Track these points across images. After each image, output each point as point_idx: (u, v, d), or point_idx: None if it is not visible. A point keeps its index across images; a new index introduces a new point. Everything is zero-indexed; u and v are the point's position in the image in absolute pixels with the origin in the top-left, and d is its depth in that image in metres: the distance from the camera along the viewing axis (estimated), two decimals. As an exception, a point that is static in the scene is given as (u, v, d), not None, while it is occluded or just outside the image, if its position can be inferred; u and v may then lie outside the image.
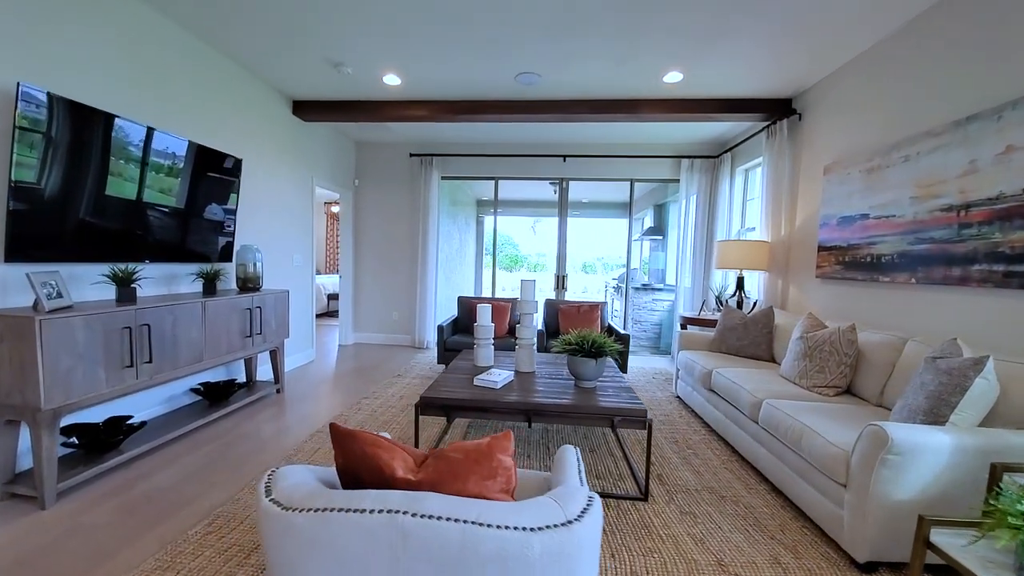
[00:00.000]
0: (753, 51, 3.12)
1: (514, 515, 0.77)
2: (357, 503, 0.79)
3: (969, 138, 2.23)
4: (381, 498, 0.80)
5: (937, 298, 2.43)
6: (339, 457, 0.97)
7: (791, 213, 3.87)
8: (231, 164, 3.27)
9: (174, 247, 2.92)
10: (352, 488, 0.93)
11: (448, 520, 0.76)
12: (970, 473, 1.62)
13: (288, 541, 0.80)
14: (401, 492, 0.83)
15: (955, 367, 1.76)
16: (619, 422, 2.16)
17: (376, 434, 1.00)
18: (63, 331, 1.98)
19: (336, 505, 0.80)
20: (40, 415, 1.95)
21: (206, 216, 3.13)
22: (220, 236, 3.30)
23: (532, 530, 0.77)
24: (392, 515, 0.77)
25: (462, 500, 0.81)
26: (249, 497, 2.10)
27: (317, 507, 0.80)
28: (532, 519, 0.77)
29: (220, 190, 3.22)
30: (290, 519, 0.80)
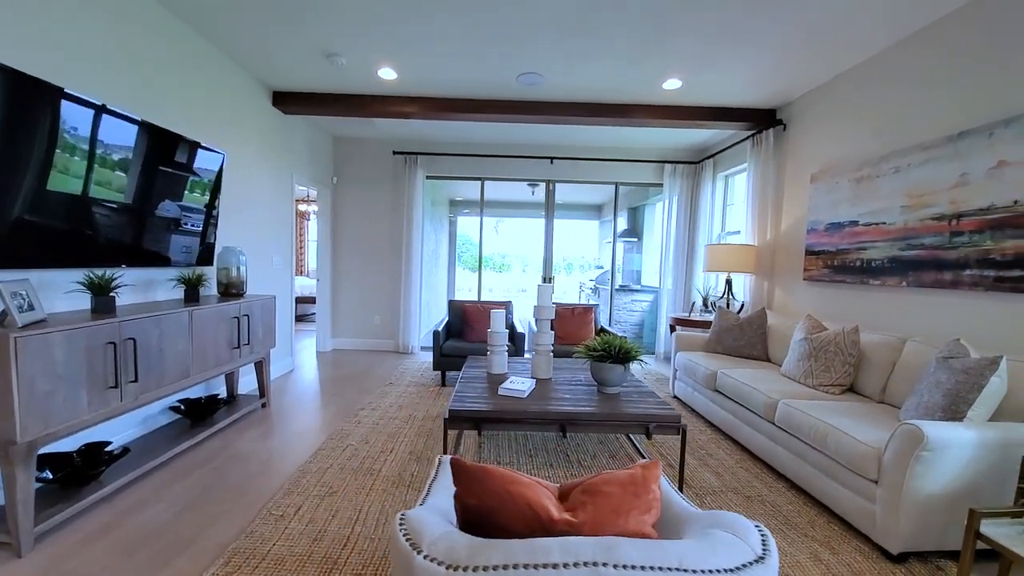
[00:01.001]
0: (748, 64, 3.23)
1: (711, 556, 0.72)
2: (543, 557, 0.70)
3: (960, 152, 2.42)
4: (567, 548, 0.72)
5: (929, 300, 2.61)
6: (469, 497, 0.87)
7: (776, 218, 4.06)
8: (211, 157, 2.98)
9: (148, 250, 2.61)
10: (484, 533, 0.84)
11: (653, 569, 0.69)
12: (991, 465, 1.74)
13: None
14: (585, 539, 0.75)
15: (971, 366, 1.88)
16: (654, 428, 2.16)
17: (511, 470, 0.91)
18: (41, 349, 1.71)
19: (518, 560, 0.70)
20: (14, 449, 1.67)
21: (183, 214, 2.83)
22: (198, 237, 3.00)
23: (733, 571, 0.72)
24: (593, 568, 0.69)
25: (653, 543, 0.74)
26: (264, 529, 1.91)
27: (494, 564, 0.70)
28: (728, 559, 0.72)
29: (200, 186, 2.93)
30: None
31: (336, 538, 1.85)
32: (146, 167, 2.49)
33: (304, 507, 2.08)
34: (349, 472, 2.42)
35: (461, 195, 8.90)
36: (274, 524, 1.94)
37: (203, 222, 3.02)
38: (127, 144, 2.35)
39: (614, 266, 6.09)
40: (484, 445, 2.81)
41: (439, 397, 3.75)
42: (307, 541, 1.83)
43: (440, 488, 1.21)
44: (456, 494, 0.90)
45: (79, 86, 2.19)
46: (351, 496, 2.18)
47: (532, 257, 19.06)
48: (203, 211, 3.00)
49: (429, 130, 5.02)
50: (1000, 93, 2.23)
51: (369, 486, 2.27)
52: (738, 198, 5.08)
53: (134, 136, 2.38)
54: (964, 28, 2.43)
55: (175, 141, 2.66)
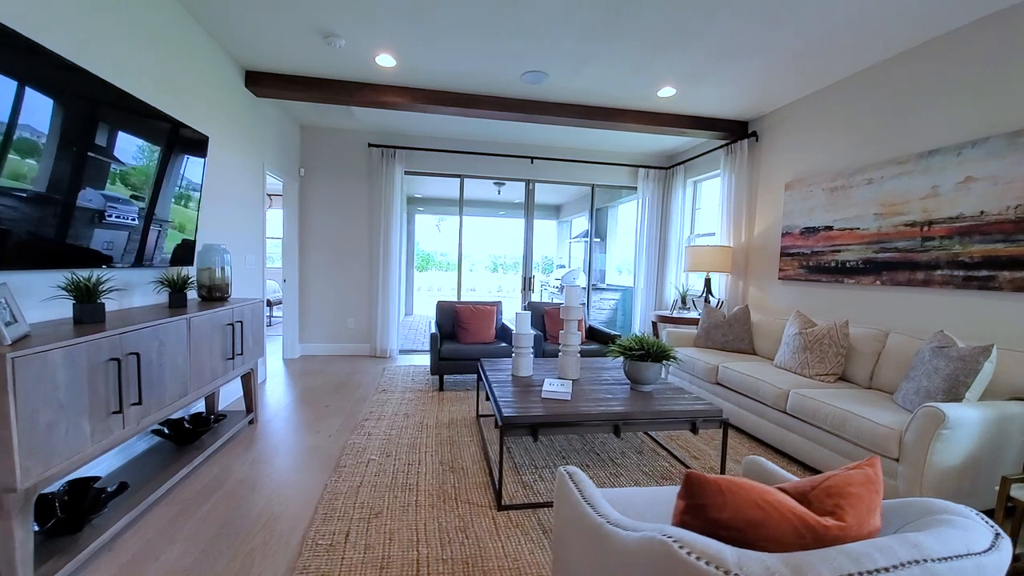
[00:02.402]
0: (734, 79, 3.47)
1: (974, 539, 0.76)
2: (869, 563, 0.69)
3: (931, 168, 2.78)
4: (881, 550, 0.72)
5: (902, 297, 2.98)
6: (720, 512, 0.83)
7: (750, 222, 4.40)
8: (193, 139, 2.60)
9: (121, 246, 2.22)
10: (741, 547, 0.81)
11: (959, 557, 0.72)
12: (990, 438, 2.02)
13: None
14: (888, 539, 0.75)
15: (967, 354, 2.18)
16: (701, 423, 2.24)
17: (755, 483, 0.89)
18: (40, 372, 1.38)
19: (846, 570, 0.68)
20: (11, 499, 1.33)
21: (165, 203, 2.44)
22: (177, 231, 2.61)
23: (982, 553, 0.77)
24: (919, 565, 0.70)
25: (941, 533, 0.77)
26: (318, 563, 1.70)
27: (841, 574, 0.68)
28: (983, 540, 0.77)
29: (179, 171, 2.54)
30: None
31: (405, 563, 1.71)
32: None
33: (352, 532, 1.89)
34: (384, 489, 2.24)
35: (421, 192, 8.61)
36: (327, 556, 1.74)
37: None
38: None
39: (590, 266, 6.24)
40: (512, 450, 2.74)
41: (442, 402, 3.60)
42: (373, 571, 1.66)
43: (593, 501, 1.15)
44: (692, 508, 0.87)
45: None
46: (398, 516, 2.02)
47: (479, 255, 18.98)
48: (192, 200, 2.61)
49: (407, 124, 4.80)
50: (967, 117, 2.60)
51: (414, 503, 2.12)
52: (706, 203, 5.44)
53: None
54: (934, 59, 2.79)
55: (156, 119, 2.28)
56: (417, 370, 4.61)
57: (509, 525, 1.97)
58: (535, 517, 2.03)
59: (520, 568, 1.70)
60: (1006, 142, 2.37)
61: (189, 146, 2.57)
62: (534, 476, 2.41)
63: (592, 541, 1.05)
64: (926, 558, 0.73)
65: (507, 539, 1.87)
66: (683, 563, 0.74)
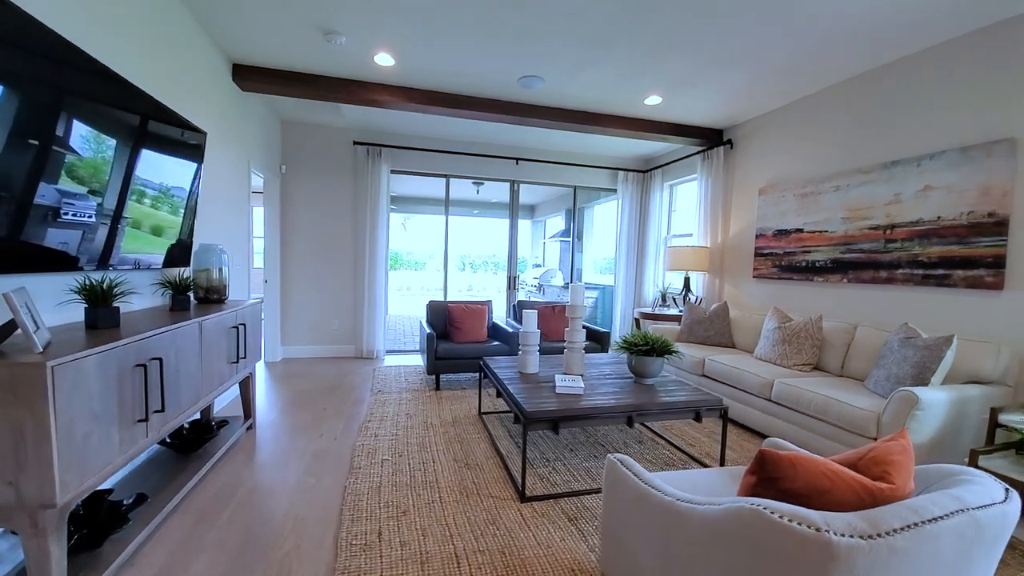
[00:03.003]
0: (717, 90, 3.69)
1: (993, 492, 0.92)
2: (927, 514, 0.83)
3: (894, 177, 3.10)
4: (936, 504, 0.85)
5: (866, 294, 3.30)
6: (792, 483, 0.94)
7: (726, 224, 4.68)
8: (185, 133, 2.50)
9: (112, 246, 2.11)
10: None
11: (991, 505, 0.87)
12: (952, 416, 2.30)
13: (882, 567, 0.79)
14: (935, 495, 0.89)
15: (932, 344, 2.46)
16: (704, 412, 2.41)
17: (815, 456, 1.01)
18: (76, 380, 1.33)
19: (910, 520, 0.82)
20: (47, 516, 1.27)
21: (161, 197, 2.34)
22: (177, 231, 2.50)
23: (1003, 503, 0.92)
24: (973, 513, 0.84)
25: (974, 487, 0.91)
26: (358, 563, 1.71)
27: (895, 528, 0.80)
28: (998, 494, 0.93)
29: (171, 166, 2.44)
30: (889, 543, 0.79)
31: (443, 556, 1.75)
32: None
33: (384, 531, 1.90)
34: (404, 488, 2.25)
35: (394, 191, 8.48)
36: (365, 555, 1.75)
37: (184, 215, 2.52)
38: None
39: (572, 265, 6.39)
40: (514, 437, 2.81)
41: (441, 401, 3.61)
42: (415, 566, 1.70)
43: (654, 483, 1.25)
44: (764, 481, 0.98)
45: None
46: (426, 512, 2.05)
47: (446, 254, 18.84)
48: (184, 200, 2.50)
49: (393, 122, 4.75)
50: (926, 132, 2.92)
51: (438, 499, 2.16)
52: (681, 205, 5.72)
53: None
54: (896, 78, 3.10)
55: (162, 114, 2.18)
56: (408, 370, 4.58)
57: (535, 515, 2.04)
58: (558, 507, 2.12)
59: (555, 554, 1.78)
60: (960, 156, 2.69)
61: (178, 142, 2.47)
62: (548, 469, 2.50)
63: (660, 519, 1.15)
64: (968, 507, 0.88)
65: (536, 528, 1.95)
66: (776, 525, 0.85)
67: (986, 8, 2.46)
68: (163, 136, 2.24)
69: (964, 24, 2.62)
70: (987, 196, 2.56)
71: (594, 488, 2.28)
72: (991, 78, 2.58)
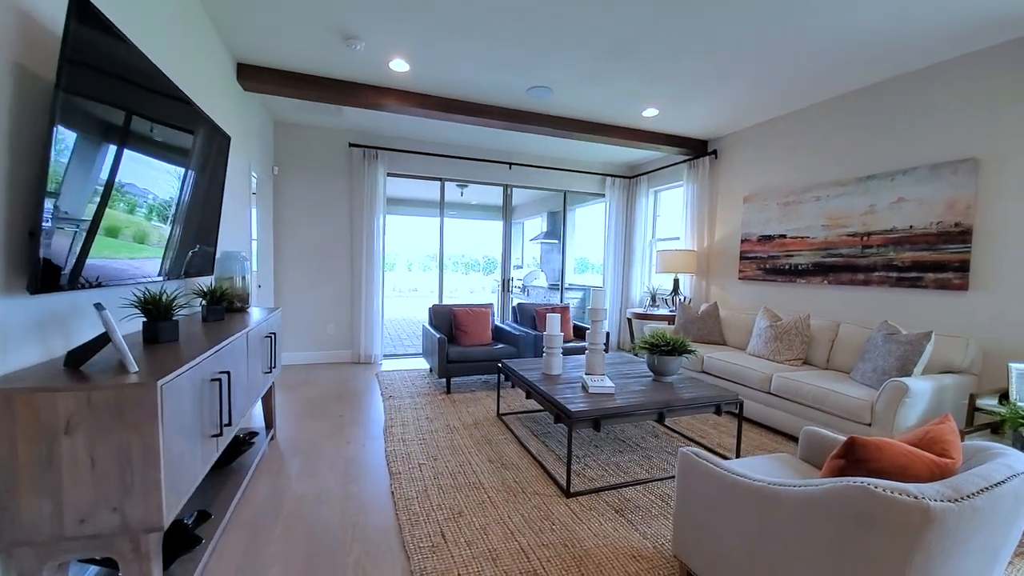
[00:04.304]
0: (708, 104, 3.97)
1: (1020, 464, 1.13)
2: (996, 477, 1.02)
3: (869, 190, 3.46)
4: (1000, 469, 1.05)
5: (846, 294, 3.65)
6: (878, 463, 1.12)
7: (711, 229, 5.00)
8: (218, 141, 2.43)
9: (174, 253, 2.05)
10: (896, 481, 1.11)
11: None
12: (933, 402, 2.63)
13: (966, 525, 0.97)
14: (999, 463, 1.08)
15: (913, 339, 2.79)
16: (724, 407, 2.62)
17: (892, 440, 1.18)
18: (175, 397, 1.32)
19: (984, 484, 1.00)
20: (150, 539, 1.26)
21: (203, 205, 2.27)
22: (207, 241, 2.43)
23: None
24: (1021, 476, 1.04)
25: (1011, 459, 1.12)
26: (433, 564, 1.77)
27: (975, 490, 0.99)
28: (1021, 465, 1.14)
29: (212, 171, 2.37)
30: (972, 504, 0.97)
31: (511, 552, 1.84)
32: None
33: (447, 532, 1.96)
34: (451, 491, 2.31)
35: (375, 192, 8.35)
36: (437, 556, 1.81)
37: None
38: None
39: (564, 266, 6.56)
40: (548, 443, 2.92)
41: (455, 404, 3.66)
42: (487, 563, 1.77)
43: (738, 470, 1.40)
44: (853, 463, 1.15)
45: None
46: (479, 512, 2.12)
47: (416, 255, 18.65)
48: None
49: (389, 125, 4.73)
50: (900, 150, 3.28)
51: (487, 499, 2.23)
52: (665, 210, 6.02)
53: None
54: (872, 99, 3.46)
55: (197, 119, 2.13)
56: (411, 374, 4.58)
57: (583, 509, 2.17)
58: (602, 500, 2.25)
59: (613, 543, 1.91)
60: (930, 172, 3.05)
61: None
62: (580, 465, 2.62)
63: (754, 502, 1.30)
64: (1019, 472, 1.07)
65: (589, 521, 2.07)
66: (881, 498, 1.01)
67: (952, 43, 2.82)
68: (209, 150, 2.19)
69: (933, 56, 2.98)
70: (953, 208, 2.93)
71: (631, 481, 2.43)
72: (958, 105, 2.95)
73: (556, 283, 7.89)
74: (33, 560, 1.19)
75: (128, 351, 1.29)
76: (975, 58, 2.87)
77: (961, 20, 2.55)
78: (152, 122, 1.67)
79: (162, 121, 1.75)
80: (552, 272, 8.58)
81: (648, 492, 2.34)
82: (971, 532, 1.02)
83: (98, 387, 1.15)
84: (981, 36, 2.71)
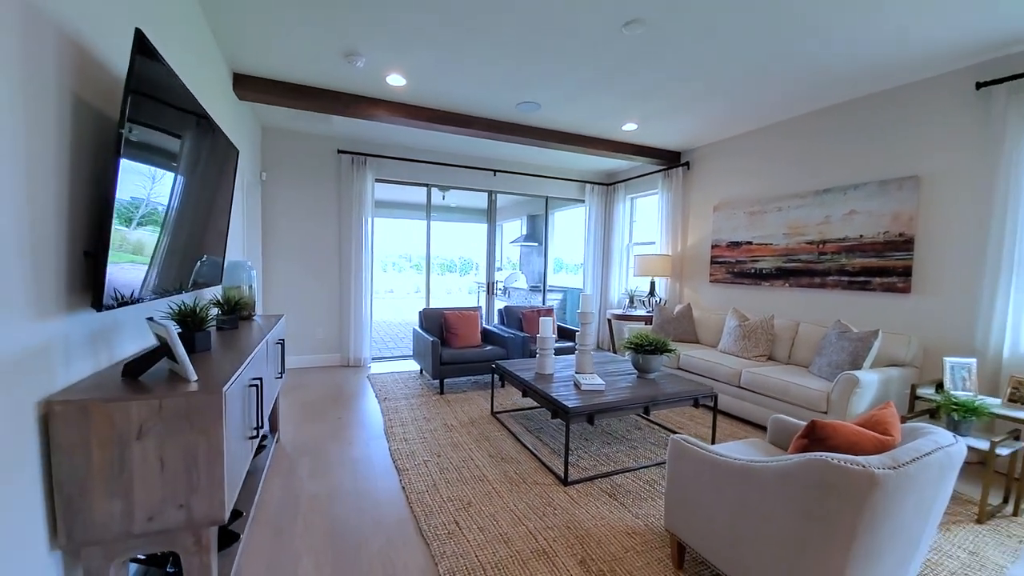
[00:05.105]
0: (682, 119, 4.28)
1: (947, 438, 1.41)
2: (924, 449, 1.29)
3: (825, 202, 3.84)
4: (927, 444, 1.32)
5: (805, 296, 4.03)
6: (833, 440, 1.38)
7: (684, 235, 5.34)
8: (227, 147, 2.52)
9: (192, 269, 2.14)
10: (849, 456, 1.37)
11: (952, 444, 1.36)
12: (881, 392, 2.98)
13: (902, 488, 1.23)
14: (927, 439, 1.35)
15: (863, 336, 3.16)
16: (701, 400, 2.90)
17: (845, 422, 1.44)
18: (232, 402, 1.44)
19: (912, 456, 1.27)
20: (210, 533, 1.39)
21: (215, 215, 2.36)
22: (217, 251, 2.51)
23: (954, 444, 1.43)
24: (942, 448, 1.31)
25: (939, 433, 1.40)
26: (450, 548, 1.94)
27: (910, 459, 1.25)
28: (950, 439, 1.43)
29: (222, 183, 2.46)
30: (907, 471, 1.23)
31: (521, 535, 2.03)
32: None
33: (460, 521, 2.14)
34: (457, 484, 2.49)
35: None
36: (454, 542, 1.99)
37: (218, 232, 2.53)
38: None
39: (546, 268, 6.79)
40: (542, 437, 3.14)
41: (450, 404, 3.82)
42: (501, 545, 1.97)
43: (722, 452, 1.65)
44: (816, 441, 1.41)
45: None
46: (486, 502, 2.31)
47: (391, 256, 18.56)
48: (219, 219, 2.51)
49: (377, 132, 4.82)
50: (852, 167, 3.66)
51: (492, 491, 2.42)
52: (640, 216, 6.35)
53: (197, 132, 1.95)
54: (829, 120, 3.84)
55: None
56: (403, 376, 4.70)
57: (581, 495, 2.39)
58: (595, 487, 2.48)
59: (610, 523, 2.14)
60: (878, 188, 3.44)
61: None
62: (575, 456, 2.85)
63: (736, 478, 1.54)
64: (942, 446, 1.35)
65: (586, 505, 2.29)
66: (837, 468, 1.26)
67: (898, 73, 3.20)
68: (223, 164, 2.28)
69: (883, 83, 3.35)
70: (898, 220, 3.33)
71: (621, 469, 2.67)
72: (902, 128, 3.35)
73: (536, 285, 8.13)
74: (101, 558, 1.30)
75: (188, 361, 1.41)
76: (917, 87, 3.26)
77: (904, 54, 2.92)
78: (183, 140, 1.77)
79: (191, 139, 1.85)
80: (532, 274, 8.81)
81: (637, 478, 2.58)
82: (906, 493, 1.29)
83: (169, 395, 1.27)
84: (921, 68, 3.09)
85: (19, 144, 1.13)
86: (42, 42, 1.21)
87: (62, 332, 1.32)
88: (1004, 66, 2.84)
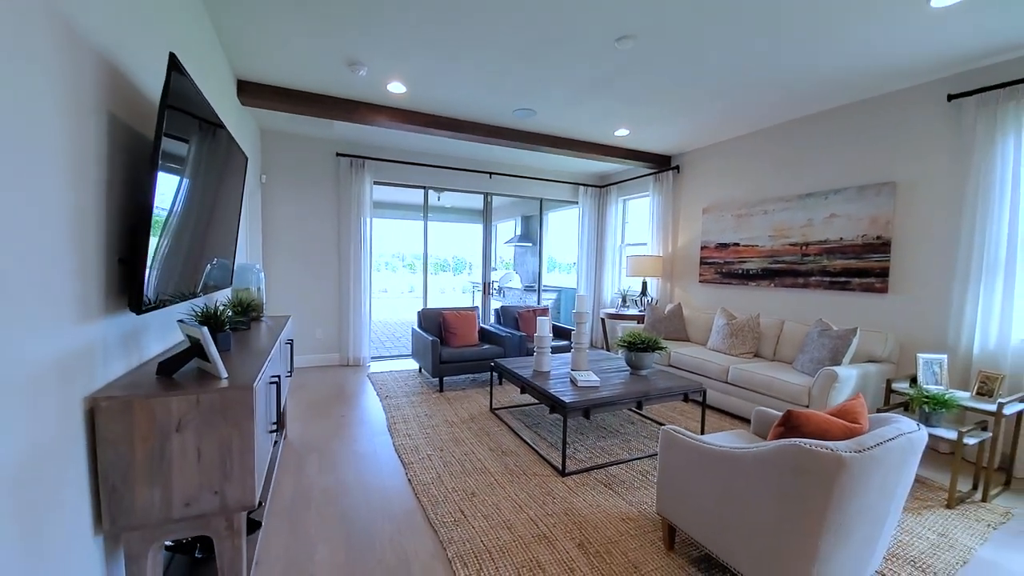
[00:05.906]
0: (672, 125, 4.44)
1: (910, 426, 1.57)
2: (887, 435, 1.44)
3: (807, 206, 4.02)
4: (889, 431, 1.47)
5: (789, 295, 4.21)
6: (805, 427, 1.53)
7: (675, 236, 5.51)
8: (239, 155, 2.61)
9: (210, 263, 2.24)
10: (821, 442, 1.52)
11: (913, 431, 1.51)
12: (859, 386, 3.16)
13: (867, 470, 1.38)
14: (892, 426, 1.51)
15: (842, 334, 3.34)
16: (691, 395, 3.06)
17: (817, 412, 1.59)
18: (260, 397, 1.55)
19: (877, 441, 1.42)
20: (241, 517, 1.50)
21: (225, 215, 2.46)
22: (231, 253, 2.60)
23: (917, 431, 1.59)
24: (904, 435, 1.47)
25: (903, 421, 1.55)
26: (457, 533, 2.08)
27: (873, 444, 1.41)
28: (913, 426, 1.59)
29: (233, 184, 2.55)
30: (872, 454, 1.38)
31: (523, 522, 2.17)
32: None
33: (465, 510, 2.27)
34: (460, 476, 2.62)
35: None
36: (461, 528, 2.11)
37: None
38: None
39: (541, 268, 6.93)
40: (540, 432, 3.27)
41: (449, 402, 3.95)
42: (504, 531, 2.10)
43: (708, 441, 1.80)
44: (790, 429, 1.56)
45: None
46: (489, 492, 2.44)
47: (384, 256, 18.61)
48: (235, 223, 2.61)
49: (375, 136, 4.92)
50: (832, 173, 3.85)
51: (494, 482, 2.55)
52: (632, 218, 6.51)
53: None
54: (811, 129, 4.03)
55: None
56: (401, 375, 4.81)
57: (577, 485, 2.53)
58: (591, 477, 2.62)
59: (605, 510, 2.28)
60: (857, 192, 3.62)
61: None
62: (571, 449, 2.99)
63: (721, 464, 1.69)
64: (904, 432, 1.51)
65: (583, 494, 2.43)
66: (811, 452, 1.41)
67: (875, 83, 3.38)
68: (236, 171, 2.38)
69: (861, 94, 3.54)
70: (876, 223, 3.51)
71: (615, 461, 2.82)
72: (880, 136, 3.53)
73: (530, 285, 8.26)
74: (140, 543, 1.41)
75: (220, 360, 1.52)
76: (894, 97, 3.44)
77: (879, 67, 3.09)
78: (203, 150, 1.88)
79: (210, 148, 1.95)
80: (526, 274, 8.95)
81: (630, 469, 2.73)
82: (871, 474, 1.44)
83: (205, 391, 1.38)
84: (896, 80, 3.27)
85: (66, 160, 1.23)
86: (83, 66, 1.31)
87: (101, 334, 1.42)
88: (974, 79, 3.03)
